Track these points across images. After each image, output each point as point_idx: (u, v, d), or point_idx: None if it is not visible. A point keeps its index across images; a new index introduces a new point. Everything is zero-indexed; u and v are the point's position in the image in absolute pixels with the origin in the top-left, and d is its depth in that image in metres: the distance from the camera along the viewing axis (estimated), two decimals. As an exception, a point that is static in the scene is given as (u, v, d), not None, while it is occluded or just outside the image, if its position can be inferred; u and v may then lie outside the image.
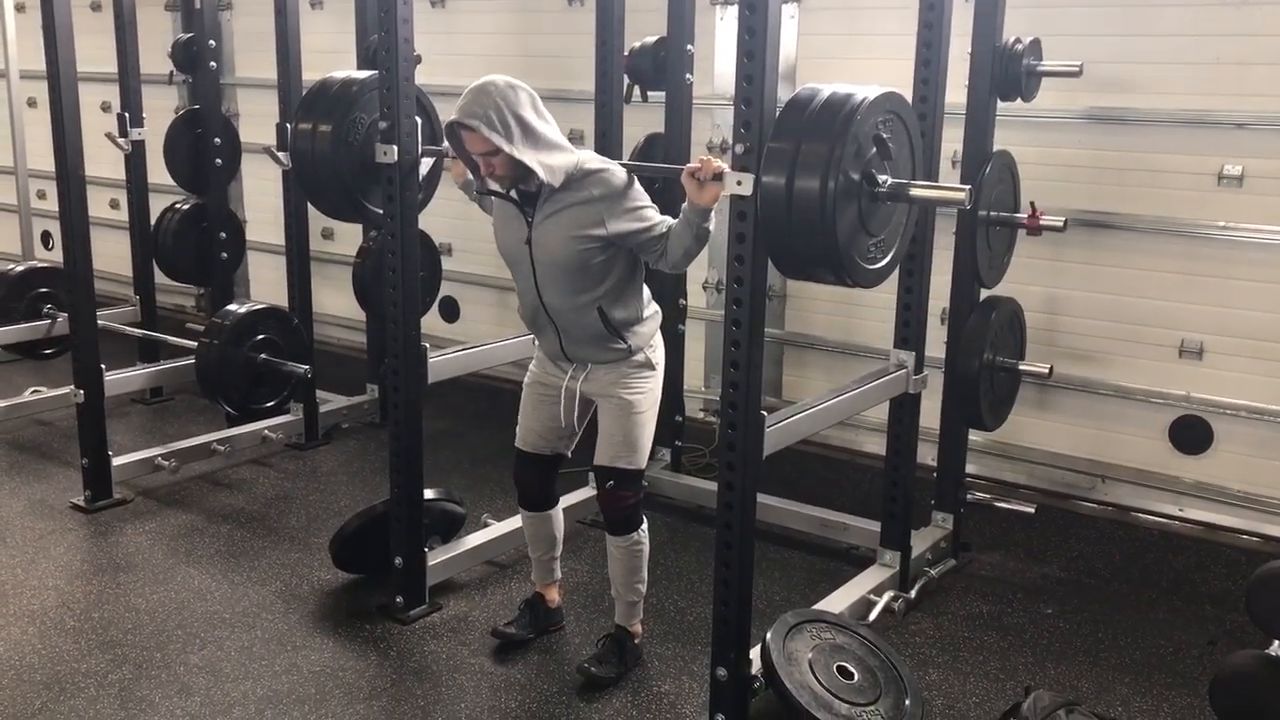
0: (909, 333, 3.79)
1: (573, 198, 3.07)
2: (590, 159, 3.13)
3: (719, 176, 2.83)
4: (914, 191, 2.86)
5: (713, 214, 2.94)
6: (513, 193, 3.16)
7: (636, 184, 3.13)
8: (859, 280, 2.87)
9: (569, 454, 3.52)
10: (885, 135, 2.80)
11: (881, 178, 2.79)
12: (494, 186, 3.15)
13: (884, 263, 2.95)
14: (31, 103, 7.47)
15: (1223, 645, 3.62)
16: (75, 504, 4.61)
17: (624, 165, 3.20)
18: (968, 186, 2.89)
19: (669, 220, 3.08)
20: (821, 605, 3.56)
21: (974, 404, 3.93)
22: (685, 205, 2.96)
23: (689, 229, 2.97)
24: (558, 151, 3.05)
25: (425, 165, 3.72)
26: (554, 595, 3.68)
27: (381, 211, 3.63)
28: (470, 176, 3.37)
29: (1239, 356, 4.23)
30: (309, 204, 4.12)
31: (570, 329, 3.22)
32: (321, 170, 3.89)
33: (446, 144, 3.27)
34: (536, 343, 3.42)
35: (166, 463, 4.86)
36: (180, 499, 4.74)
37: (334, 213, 4.14)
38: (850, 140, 2.68)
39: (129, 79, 5.53)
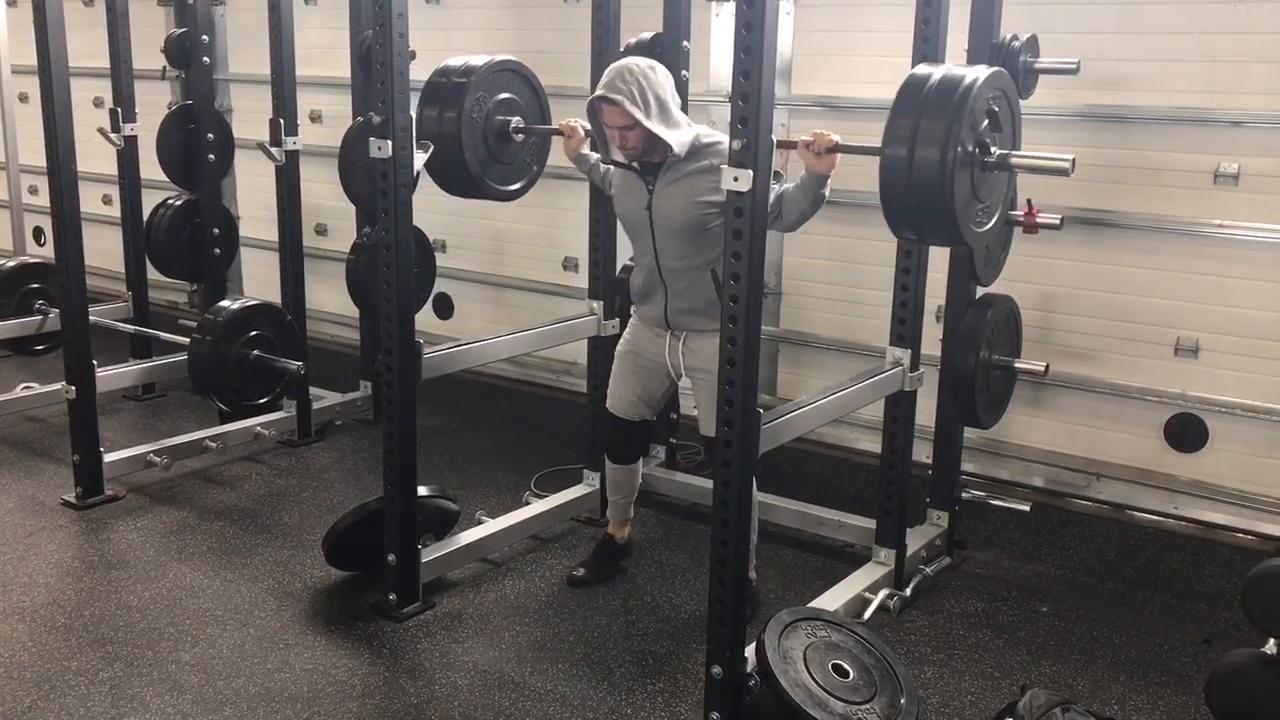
0: (905, 330, 3.78)
1: (693, 167, 3.39)
2: (707, 133, 3.46)
3: (834, 148, 3.10)
4: (1015, 160, 3.02)
5: (829, 180, 3.19)
6: (635, 164, 3.45)
7: None
8: (971, 242, 3.09)
9: (654, 419, 3.86)
10: (997, 109, 2.97)
11: (994, 149, 2.94)
12: (618, 158, 3.48)
13: (989, 226, 3.12)
14: (23, 98, 7.45)
15: (1218, 643, 3.62)
16: (66, 501, 4.59)
17: None
18: (1071, 155, 2.98)
19: (782, 185, 3.29)
20: (817, 603, 3.55)
21: (970, 402, 3.93)
22: (804, 173, 3.20)
23: (807, 194, 3.23)
24: (683, 128, 3.41)
25: (419, 161, 3.67)
26: (624, 532, 4.03)
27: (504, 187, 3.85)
28: (584, 151, 3.80)
29: (1234, 355, 4.24)
30: (438, 185, 3.96)
31: (682, 291, 3.51)
32: (448, 149, 3.78)
33: (556, 124, 3.79)
34: (635, 311, 3.71)
35: (158, 459, 4.84)
36: (172, 496, 4.72)
37: (460, 191, 3.97)
38: (967, 114, 2.83)
39: (121, 74, 5.50)
